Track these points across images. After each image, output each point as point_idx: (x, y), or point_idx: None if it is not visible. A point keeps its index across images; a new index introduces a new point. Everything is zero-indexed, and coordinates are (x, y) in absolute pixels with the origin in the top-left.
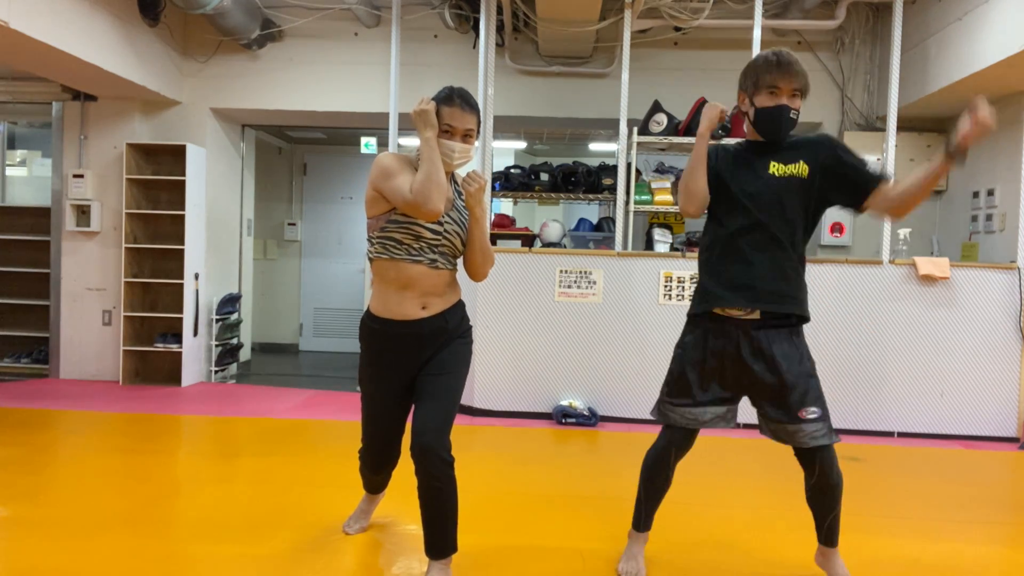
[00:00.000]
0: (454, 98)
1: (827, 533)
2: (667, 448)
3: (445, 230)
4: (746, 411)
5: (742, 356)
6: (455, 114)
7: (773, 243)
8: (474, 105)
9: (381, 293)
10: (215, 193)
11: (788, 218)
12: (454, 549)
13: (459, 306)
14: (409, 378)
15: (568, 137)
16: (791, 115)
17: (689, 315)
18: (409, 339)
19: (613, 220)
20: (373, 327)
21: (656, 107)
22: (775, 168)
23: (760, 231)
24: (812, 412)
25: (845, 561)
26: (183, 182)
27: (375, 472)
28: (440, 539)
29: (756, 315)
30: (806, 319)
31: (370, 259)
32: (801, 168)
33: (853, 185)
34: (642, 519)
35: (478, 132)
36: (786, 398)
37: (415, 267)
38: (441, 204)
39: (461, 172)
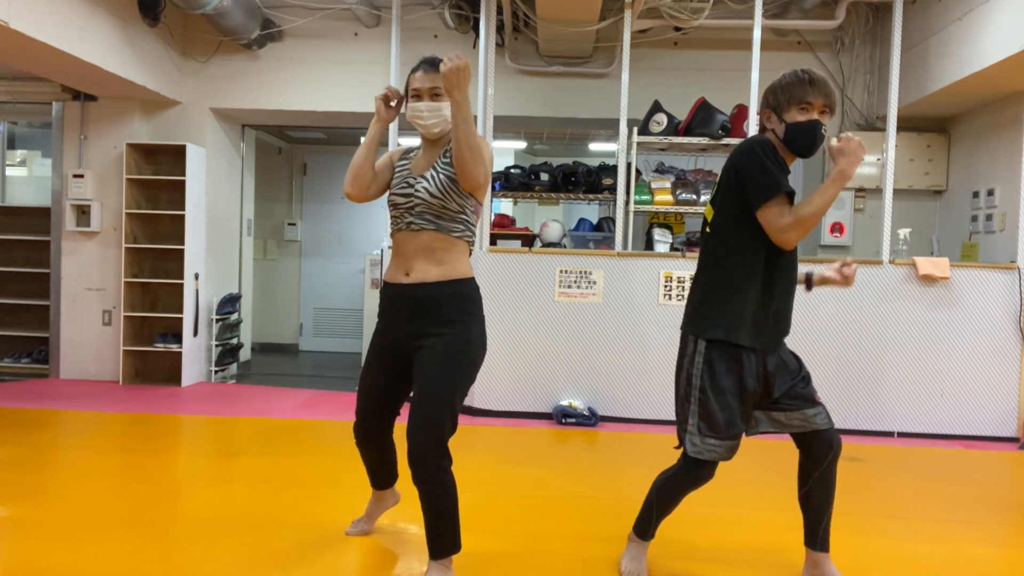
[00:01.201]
0: (419, 65)
1: (823, 535)
2: (699, 481)
3: (416, 190)
4: None
5: (767, 368)
6: (415, 78)
7: (793, 280)
8: (438, 65)
9: (390, 260)
10: (215, 193)
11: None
12: (454, 549)
13: (454, 285)
14: (400, 352)
15: (568, 137)
16: (823, 131)
17: (715, 341)
18: (396, 303)
19: (613, 220)
20: (381, 290)
21: (656, 107)
22: None
23: (793, 264)
24: (819, 396)
25: (844, 561)
26: (183, 182)
27: (358, 440)
28: (436, 539)
29: None
30: None
31: None
32: None
33: None
34: (649, 531)
35: None
36: (805, 385)
37: (399, 235)
38: (349, 187)
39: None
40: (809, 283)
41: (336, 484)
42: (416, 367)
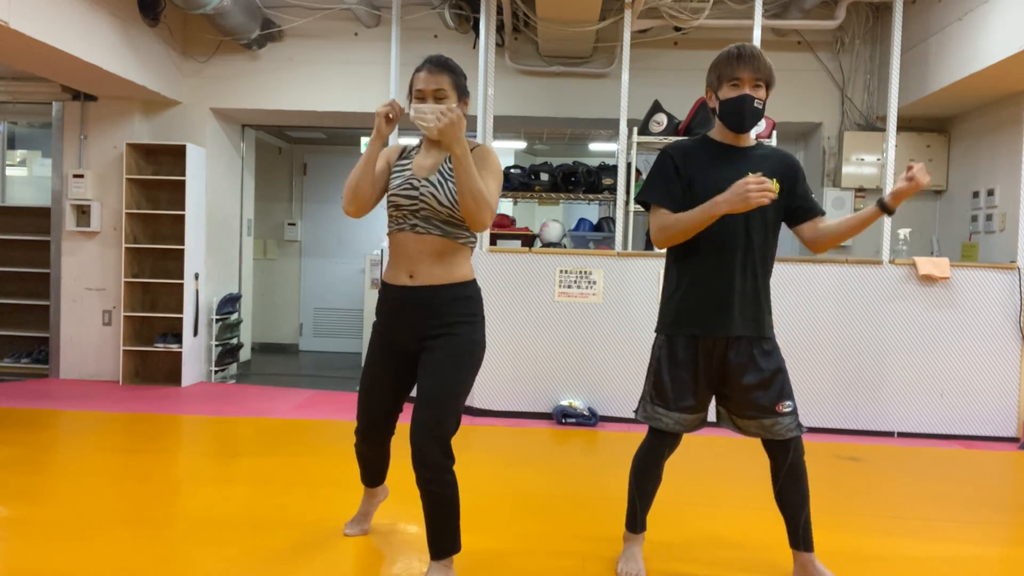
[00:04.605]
0: (423, 64)
1: (804, 533)
2: (659, 450)
3: (421, 194)
4: None
5: (728, 356)
6: (419, 78)
7: (751, 261)
8: (443, 64)
9: (388, 260)
10: (215, 193)
11: (766, 234)
12: (456, 549)
13: (460, 288)
14: (404, 352)
15: (568, 137)
16: (755, 104)
17: (666, 327)
18: (399, 305)
19: (613, 220)
20: (381, 291)
21: (656, 107)
22: None
23: (740, 247)
24: (787, 406)
25: (845, 561)
26: (183, 182)
27: (363, 444)
28: (439, 539)
29: None
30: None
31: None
32: (775, 185)
33: (798, 210)
34: (637, 520)
35: (459, 94)
36: (766, 394)
37: (400, 235)
38: (349, 206)
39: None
40: (885, 207)
41: (336, 484)
42: (421, 367)
